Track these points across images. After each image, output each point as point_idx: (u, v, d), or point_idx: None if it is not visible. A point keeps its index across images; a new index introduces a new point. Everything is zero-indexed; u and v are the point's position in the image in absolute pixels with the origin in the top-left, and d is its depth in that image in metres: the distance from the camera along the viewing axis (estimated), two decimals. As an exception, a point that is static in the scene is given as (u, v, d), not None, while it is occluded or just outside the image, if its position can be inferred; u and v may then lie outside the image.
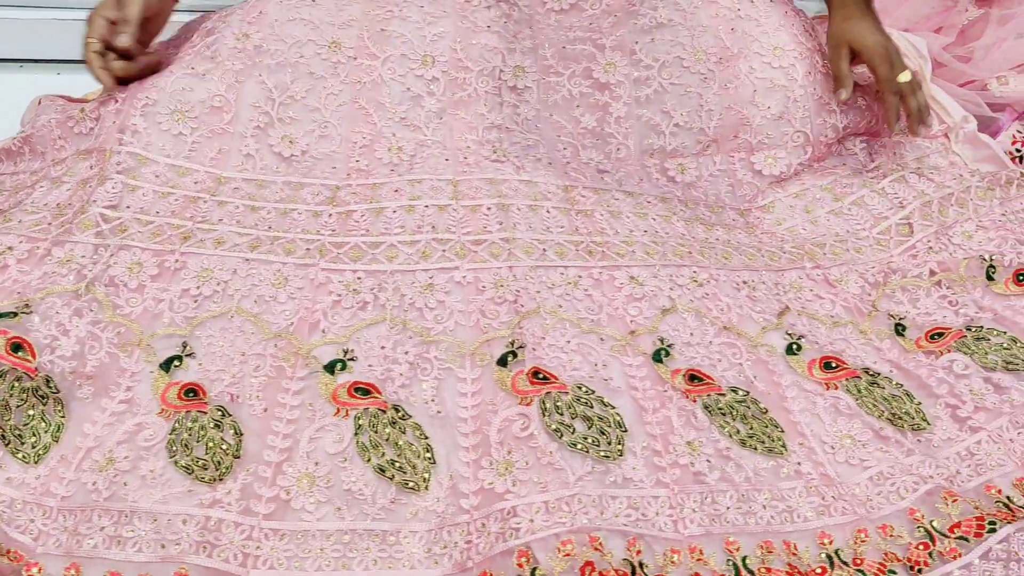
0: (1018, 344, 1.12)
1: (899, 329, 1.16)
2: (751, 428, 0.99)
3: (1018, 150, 1.50)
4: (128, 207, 1.11)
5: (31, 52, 1.79)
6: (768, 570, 0.87)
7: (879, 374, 1.09)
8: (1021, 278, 1.21)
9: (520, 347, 1.03)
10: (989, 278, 1.22)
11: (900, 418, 1.03)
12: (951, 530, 0.91)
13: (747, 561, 0.88)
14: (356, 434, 0.95)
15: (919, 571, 0.88)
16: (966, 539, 0.90)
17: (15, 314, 0.98)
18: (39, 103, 1.31)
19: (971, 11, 1.60)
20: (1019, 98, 1.54)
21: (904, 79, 1.35)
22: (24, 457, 0.91)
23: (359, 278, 1.09)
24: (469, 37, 1.32)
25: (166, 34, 1.38)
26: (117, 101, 1.21)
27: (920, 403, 1.05)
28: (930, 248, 1.27)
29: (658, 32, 1.34)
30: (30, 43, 1.78)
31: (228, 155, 1.21)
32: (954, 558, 0.88)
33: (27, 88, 1.55)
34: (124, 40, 1.21)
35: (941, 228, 1.30)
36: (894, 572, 0.88)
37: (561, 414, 0.96)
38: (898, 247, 1.28)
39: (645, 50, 1.33)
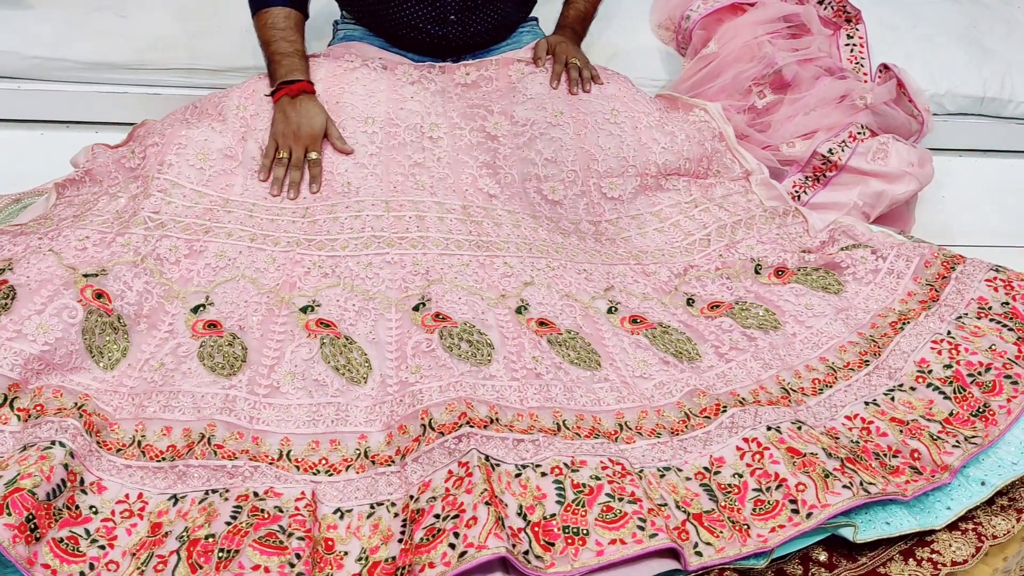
0: (769, 313, 1.59)
1: (690, 302, 1.63)
2: (578, 354, 1.44)
3: (797, 191, 2.01)
4: (166, 213, 1.56)
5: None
6: (579, 428, 1.31)
7: (669, 326, 1.55)
8: (780, 272, 1.69)
9: (428, 300, 1.47)
10: (756, 272, 1.70)
11: (681, 353, 1.49)
12: (700, 412, 1.37)
13: (567, 423, 1.31)
14: (321, 347, 1.38)
15: (677, 434, 1.33)
16: (709, 418, 1.35)
17: (96, 274, 1.41)
18: (92, 149, 1.76)
19: (769, 96, 2.09)
20: (801, 156, 2.02)
21: (573, 61, 1.89)
22: (104, 366, 1.34)
23: (323, 259, 1.54)
24: (398, 104, 1.80)
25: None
26: (156, 146, 1.67)
27: (696, 344, 1.52)
28: (720, 255, 1.75)
29: (529, 102, 1.84)
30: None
31: (233, 186, 1.67)
32: (700, 427, 1.34)
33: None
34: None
35: (731, 243, 1.78)
36: (660, 434, 1.32)
37: (452, 337, 1.40)
38: (699, 253, 1.76)
39: (519, 113, 1.82)
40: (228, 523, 1.11)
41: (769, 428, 1.30)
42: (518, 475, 1.20)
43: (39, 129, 2.12)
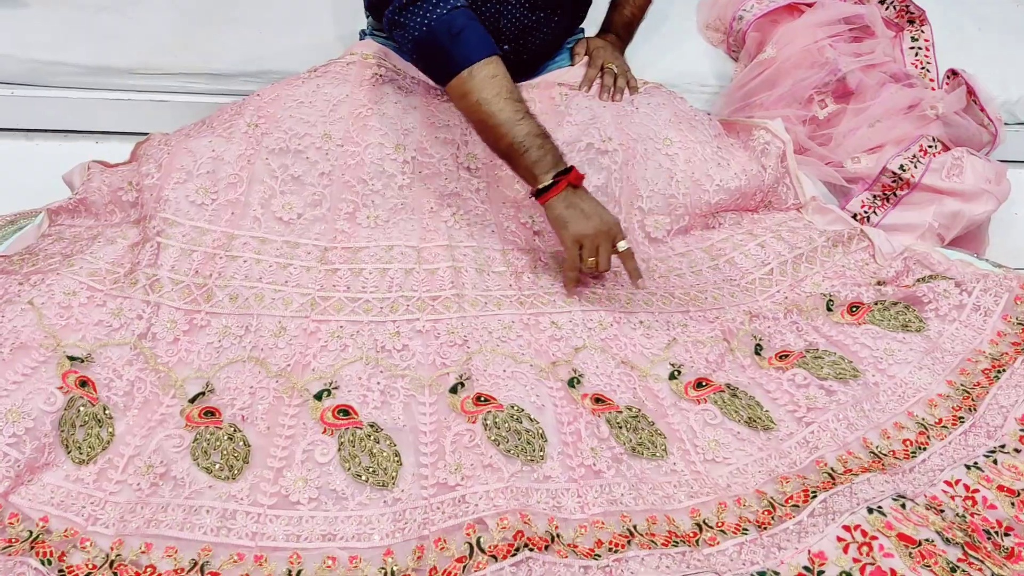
0: (845, 360, 1.35)
1: (758, 348, 1.38)
2: (640, 438, 1.20)
3: (865, 212, 1.76)
4: (161, 265, 1.31)
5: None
6: (653, 533, 1.07)
7: (738, 388, 1.31)
8: (855, 309, 1.44)
9: (468, 378, 1.22)
10: (828, 309, 1.45)
11: (754, 420, 1.25)
12: (786, 501, 1.13)
13: (637, 528, 1.08)
14: (339, 450, 1.13)
15: (764, 528, 1.09)
16: (797, 506, 1.12)
17: (83, 359, 1.18)
18: (88, 168, 1.51)
19: (831, 106, 1.84)
20: (868, 173, 1.76)
21: (609, 67, 1.69)
22: (78, 460, 1.11)
23: (341, 327, 1.29)
24: (433, 132, 1.53)
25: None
26: (153, 177, 1.41)
27: (768, 410, 1.28)
28: (786, 297, 1.50)
29: (575, 127, 1.57)
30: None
31: (241, 218, 1.41)
32: (788, 518, 1.10)
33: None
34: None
35: (794, 282, 1.52)
36: (747, 530, 1.09)
37: (498, 428, 1.15)
38: (762, 295, 1.50)
39: (563, 137, 1.54)
40: None
41: (871, 511, 1.08)
42: None
43: (35, 139, 1.94)
